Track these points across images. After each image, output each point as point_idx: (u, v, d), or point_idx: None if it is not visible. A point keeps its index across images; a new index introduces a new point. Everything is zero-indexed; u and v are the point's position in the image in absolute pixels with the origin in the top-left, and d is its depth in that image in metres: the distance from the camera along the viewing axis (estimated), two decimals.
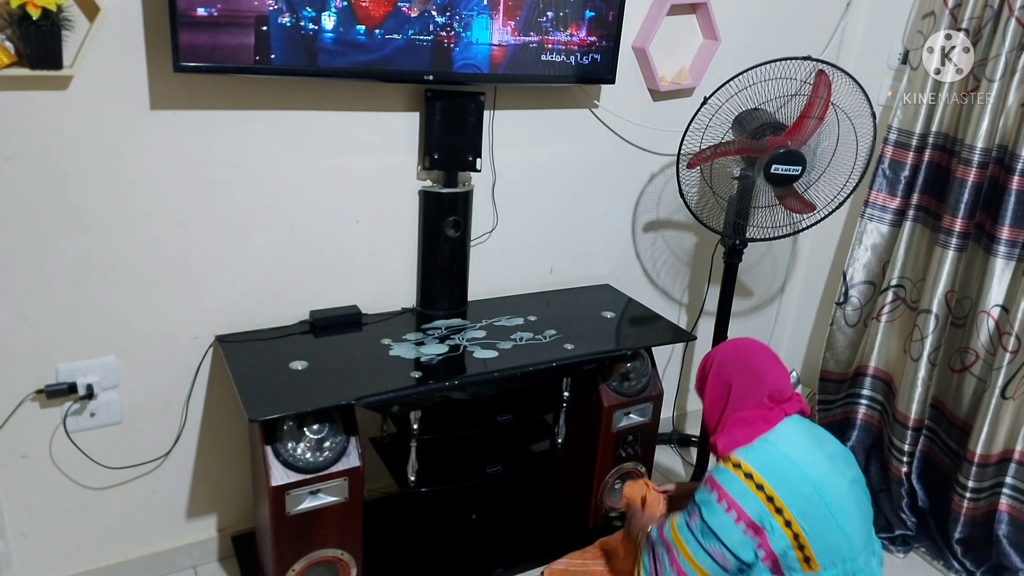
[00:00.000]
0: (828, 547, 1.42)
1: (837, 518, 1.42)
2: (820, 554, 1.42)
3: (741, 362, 1.57)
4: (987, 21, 2.15)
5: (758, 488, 1.42)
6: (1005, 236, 2.13)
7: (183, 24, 1.56)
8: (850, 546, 1.44)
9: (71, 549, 1.91)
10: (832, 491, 1.44)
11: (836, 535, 1.42)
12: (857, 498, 1.49)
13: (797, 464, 1.44)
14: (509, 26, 1.89)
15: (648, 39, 2.20)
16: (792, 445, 1.47)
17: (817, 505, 1.41)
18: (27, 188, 1.61)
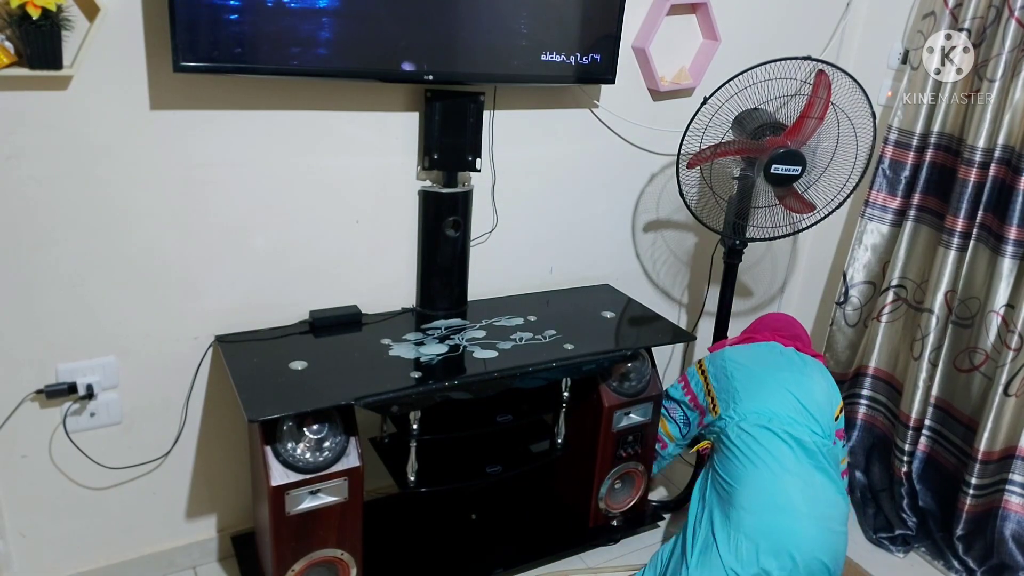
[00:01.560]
0: (727, 398, 2.03)
1: (738, 386, 2.02)
2: (720, 402, 2.05)
3: (769, 318, 2.27)
4: (988, 21, 2.15)
5: (700, 370, 2.17)
6: (1013, 236, 2.13)
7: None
8: (753, 408, 1.96)
9: (71, 549, 1.91)
10: (745, 375, 2.04)
11: (735, 394, 2.01)
12: (779, 390, 1.99)
13: (728, 358, 2.11)
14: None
15: (648, 39, 2.20)
16: (740, 347, 2.14)
17: (725, 378, 2.07)
18: (27, 188, 1.61)
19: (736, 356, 2.10)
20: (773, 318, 2.25)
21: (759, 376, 2.03)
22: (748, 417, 1.95)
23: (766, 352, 2.11)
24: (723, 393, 2.05)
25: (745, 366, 2.07)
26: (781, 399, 1.97)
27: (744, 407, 1.97)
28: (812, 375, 2.06)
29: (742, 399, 1.99)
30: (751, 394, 1.99)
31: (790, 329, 2.19)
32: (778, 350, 2.12)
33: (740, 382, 2.03)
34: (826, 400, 2.02)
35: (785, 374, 2.03)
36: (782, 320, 2.23)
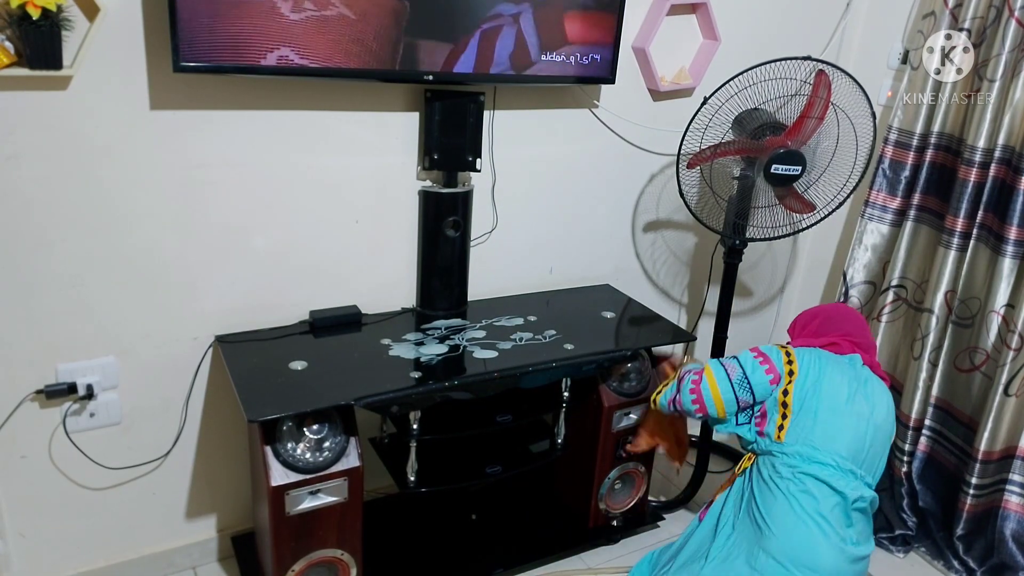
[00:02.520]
0: (799, 430, 1.69)
1: (819, 416, 1.68)
2: (791, 430, 1.69)
3: (833, 308, 1.96)
4: (988, 21, 2.15)
5: (787, 356, 1.76)
6: (1013, 236, 2.13)
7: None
8: (816, 445, 1.67)
9: (71, 549, 1.91)
10: (830, 403, 1.69)
11: (809, 426, 1.68)
12: (852, 427, 1.69)
13: (822, 366, 1.73)
14: None
15: (648, 39, 2.20)
16: (832, 362, 1.75)
17: (811, 397, 1.70)
18: (27, 188, 1.61)
19: (831, 369, 1.74)
20: (844, 315, 1.91)
21: (840, 407, 1.69)
22: (812, 460, 1.66)
23: (850, 371, 1.75)
24: (800, 412, 1.70)
25: (835, 387, 1.71)
26: (852, 441, 1.68)
27: (813, 444, 1.67)
28: (884, 405, 1.76)
29: (816, 434, 1.67)
30: (828, 431, 1.68)
31: (864, 335, 1.87)
32: (859, 371, 1.77)
33: (824, 410, 1.69)
34: (887, 437, 1.77)
35: (862, 407, 1.71)
36: (854, 321, 1.90)
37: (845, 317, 1.89)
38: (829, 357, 1.76)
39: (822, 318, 1.89)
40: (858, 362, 1.78)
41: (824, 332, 1.85)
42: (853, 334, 1.83)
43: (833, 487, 1.64)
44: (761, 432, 1.74)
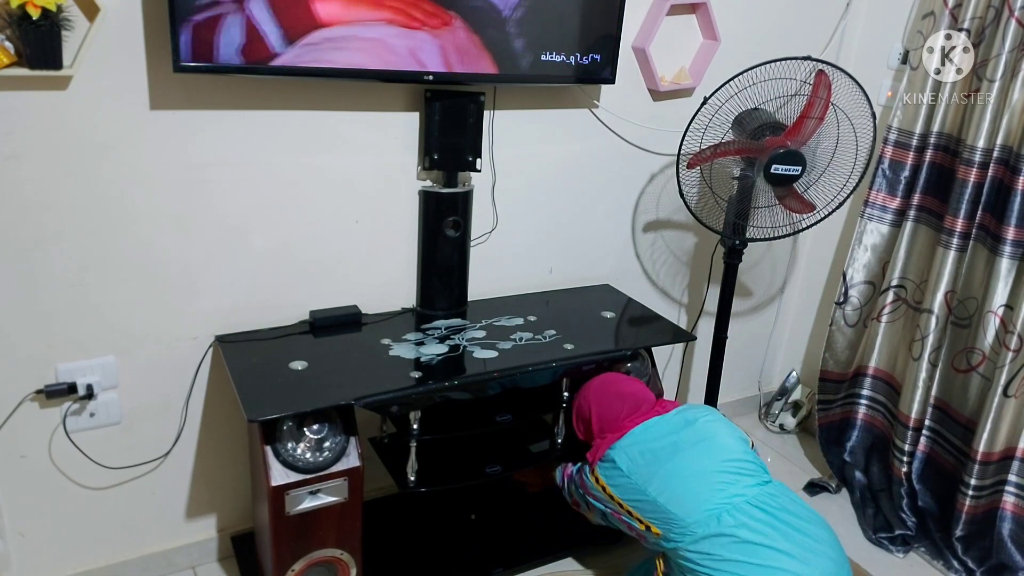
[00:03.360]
0: (654, 515, 1.70)
1: (647, 491, 1.71)
2: (657, 524, 1.70)
3: (595, 395, 1.91)
4: (988, 22, 2.15)
5: (599, 484, 1.81)
6: (1011, 236, 2.13)
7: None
8: (677, 518, 1.67)
9: (71, 549, 1.91)
10: (657, 477, 1.71)
11: (666, 514, 1.68)
12: (691, 466, 1.71)
13: (623, 462, 1.76)
14: None
15: (648, 39, 2.20)
16: (625, 448, 1.78)
17: (633, 491, 1.73)
18: (27, 188, 1.61)
19: (631, 461, 1.75)
20: (610, 390, 1.90)
21: (673, 474, 1.70)
22: (698, 531, 1.64)
23: (652, 437, 1.77)
24: (649, 512, 1.70)
25: (651, 471, 1.72)
26: (712, 483, 1.67)
27: (686, 522, 1.65)
28: (709, 427, 1.78)
29: (676, 514, 1.66)
30: (682, 502, 1.66)
31: (633, 388, 1.90)
32: (659, 425, 1.80)
33: (660, 494, 1.68)
34: (740, 441, 1.79)
35: (691, 451, 1.73)
36: (617, 384, 1.91)
37: (608, 399, 1.89)
38: (623, 448, 1.78)
39: (594, 416, 1.89)
40: (655, 422, 1.80)
41: (606, 430, 1.86)
42: (630, 414, 1.84)
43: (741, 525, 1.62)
44: (642, 536, 1.76)
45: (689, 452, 1.73)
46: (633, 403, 1.86)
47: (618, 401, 1.87)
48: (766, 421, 2.97)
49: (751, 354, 2.97)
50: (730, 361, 2.52)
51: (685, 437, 1.76)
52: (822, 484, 2.59)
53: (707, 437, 1.76)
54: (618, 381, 1.94)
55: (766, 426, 2.97)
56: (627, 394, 1.88)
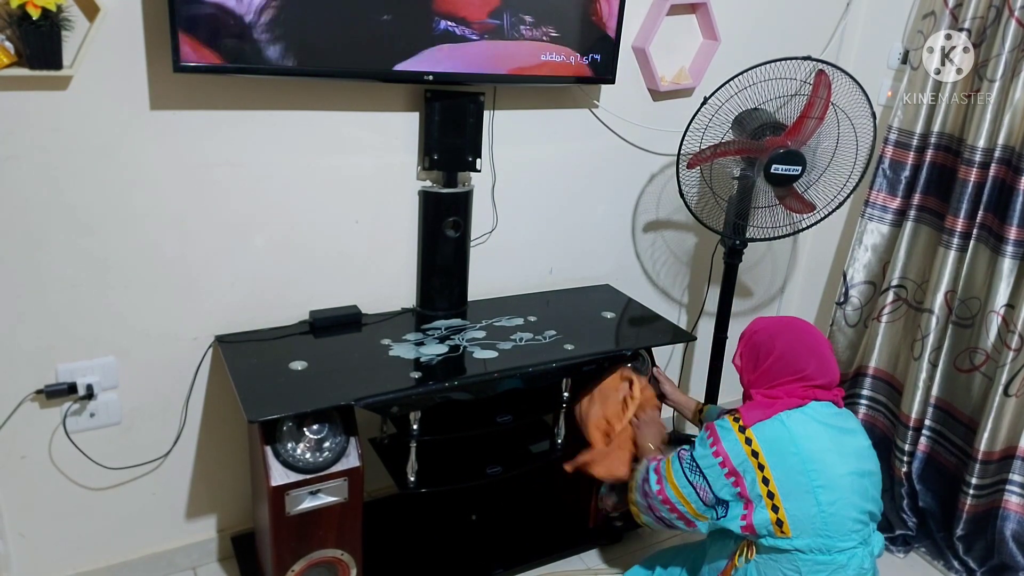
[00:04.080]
0: (801, 517, 1.51)
1: (817, 494, 1.51)
2: (793, 521, 1.52)
3: (789, 339, 1.63)
4: (988, 21, 2.15)
5: (747, 443, 1.55)
6: (1013, 236, 2.13)
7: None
8: (826, 523, 1.51)
9: (70, 549, 1.91)
10: (823, 470, 1.52)
11: (811, 508, 1.51)
12: (856, 487, 1.55)
13: (794, 438, 1.54)
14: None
15: (648, 39, 2.20)
16: (801, 424, 1.55)
17: (799, 475, 1.51)
18: (26, 188, 1.61)
19: (809, 444, 1.53)
20: (801, 348, 1.61)
21: (834, 470, 1.52)
22: (832, 551, 1.52)
23: (828, 428, 1.57)
24: (793, 497, 1.51)
25: (819, 451, 1.53)
26: (860, 498, 1.54)
27: (827, 533, 1.51)
28: (862, 436, 1.62)
29: (823, 521, 1.50)
30: (835, 504, 1.51)
31: (827, 369, 1.60)
32: (835, 418, 1.59)
33: (821, 484, 1.50)
34: (878, 476, 1.62)
35: (852, 461, 1.55)
36: (815, 353, 1.61)
37: (803, 350, 1.60)
38: (795, 419, 1.55)
39: (776, 355, 1.61)
40: (833, 411, 1.60)
41: (778, 376, 1.60)
42: (814, 376, 1.58)
43: (854, 558, 1.53)
44: (750, 527, 1.54)
45: (850, 460, 1.55)
46: (822, 367, 1.59)
47: (813, 359, 1.59)
48: None
49: None
50: (730, 361, 2.52)
51: (848, 440, 1.58)
52: None
53: (864, 453, 1.59)
54: (816, 336, 1.65)
55: None
56: (822, 355, 1.61)
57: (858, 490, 1.54)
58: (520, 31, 1.90)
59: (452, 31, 1.82)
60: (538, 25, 1.92)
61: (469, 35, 1.85)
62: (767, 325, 1.68)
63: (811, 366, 1.58)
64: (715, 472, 1.56)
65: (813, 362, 1.59)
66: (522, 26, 1.90)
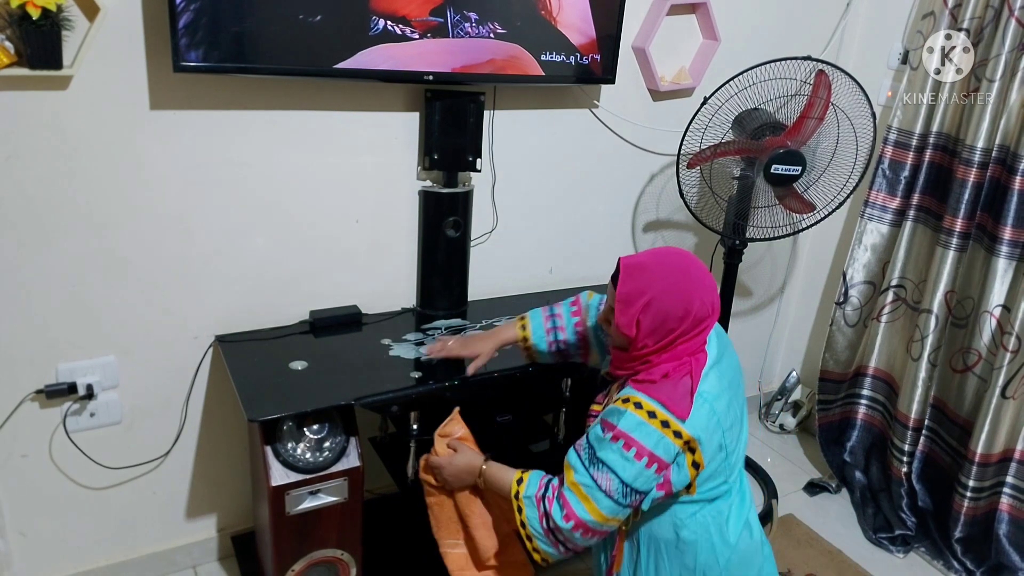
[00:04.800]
0: (712, 473, 1.38)
1: (728, 454, 1.38)
2: (699, 481, 1.37)
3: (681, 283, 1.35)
4: (987, 21, 2.15)
5: (676, 436, 1.30)
6: (1007, 236, 2.13)
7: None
8: (728, 478, 1.41)
9: (71, 549, 1.91)
10: (739, 436, 1.41)
11: (719, 464, 1.38)
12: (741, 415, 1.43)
13: (718, 415, 1.34)
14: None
15: (648, 39, 2.20)
16: (717, 392, 1.35)
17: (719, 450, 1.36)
18: (27, 188, 1.61)
19: (727, 414, 1.37)
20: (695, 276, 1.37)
21: (742, 438, 1.43)
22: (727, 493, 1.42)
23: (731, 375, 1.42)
24: (709, 467, 1.36)
25: (737, 428, 1.41)
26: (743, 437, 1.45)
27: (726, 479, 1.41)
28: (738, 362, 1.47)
29: (729, 464, 1.40)
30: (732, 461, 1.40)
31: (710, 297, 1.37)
32: (727, 354, 1.43)
33: (731, 453, 1.39)
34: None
35: (741, 393, 1.45)
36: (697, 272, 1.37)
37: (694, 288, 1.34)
38: (710, 387, 1.34)
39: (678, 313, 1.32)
40: (724, 338, 1.43)
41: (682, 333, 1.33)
42: (711, 314, 1.35)
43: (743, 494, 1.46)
44: (668, 493, 1.35)
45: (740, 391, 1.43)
46: (712, 298, 1.37)
47: (705, 293, 1.35)
48: (766, 421, 2.97)
49: (751, 354, 2.97)
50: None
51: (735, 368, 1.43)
52: (822, 484, 2.59)
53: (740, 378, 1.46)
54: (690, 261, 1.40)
55: (766, 426, 2.97)
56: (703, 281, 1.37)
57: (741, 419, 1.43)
58: (465, 29, 1.87)
59: (392, 30, 1.77)
60: (484, 22, 1.88)
61: (410, 34, 1.80)
62: (651, 279, 1.35)
63: (706, 305, 1.34)
64: (636, 470, 1.30)
65: (707, 296, 1.34)
66: (467, 24, 1.87)
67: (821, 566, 2.23)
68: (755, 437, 2.90)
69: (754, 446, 2.82)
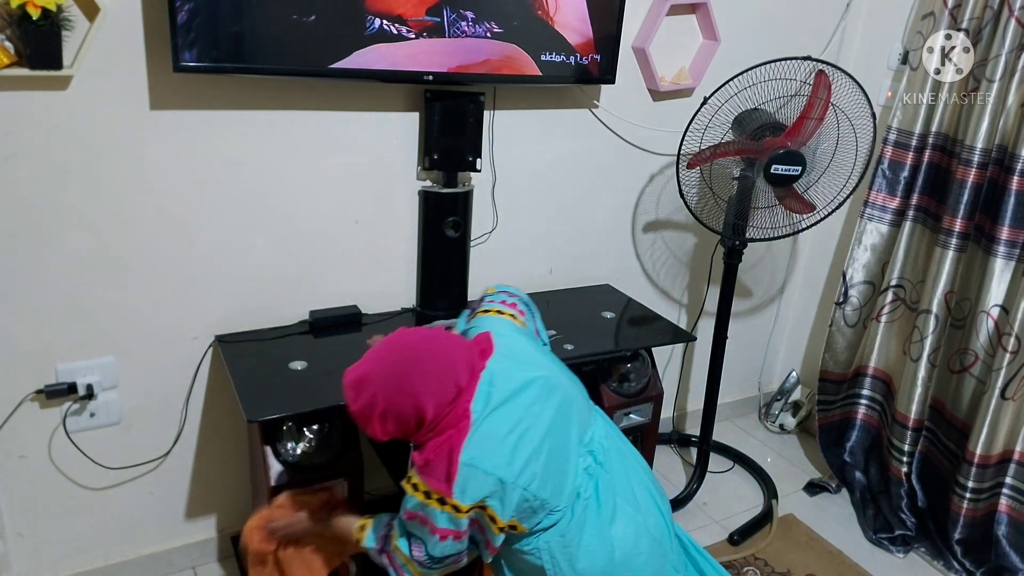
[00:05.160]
0: (534, 510, 1.35)
1: (545, 493, 1.34)
2: (525, 518, 1.36)
3: (409, 372, 1.30)
4: (987, 22, 2.15)
5: (456, 510, 1.30)
6: (1005, 236, 2.13)
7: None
8: (558, 495, 1.37)
9: (70, 549, 1.91)
10: (534, 463, 1.33)
11: (543, 503, 1.35)
12: (562, 419, 1.38)
13: (488, 470, 1.30)
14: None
15: (648, 39, 2.20)
16: (483, 448, 1.30)
17: (522, 501, 1.33)
18: (27, 188, 1.61)
19: (484, 448, 1.31)
20: (425, 354, 1.33)
21: (537, 447, 1.35)
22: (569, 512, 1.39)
23: (524, 390, 1.37)
24: (517, 506, 1.33)
25: (507, 450, 1.32)
26: (570, 455, 1.40)
27: (565, 496, 1.38)
28: (552, 360, 1.46)
29: (551, 494, 1.36)
30: (551, 480, 1.36)
31: (449, 359, 1.34)
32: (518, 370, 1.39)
33: (532, 472, 1.33)
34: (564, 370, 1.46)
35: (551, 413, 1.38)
36: (414, 359, 1.32)
37: (421, 382, 1.29)
38: (475, 446, 1.29)
39: (413, 414, 1.30)
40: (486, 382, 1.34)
41: (437, 417, 1.31)
42: (460, 380, 1.32)
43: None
44: (492, 546, 1.36)
45: (546, 419, 1.36)
46: (453, 369, 1.33)
47: (446, 369, 1.32)
48: (766, 421, 2.97)
49: (751, 354, 2.97)
50: (730, 361, 2.52)
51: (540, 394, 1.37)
52: (822, 484, 2.59)
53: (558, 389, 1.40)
54: (420, 341, 1.35)
55: (766, 426, 2.97)
56: (442, 354, 1.34)
57: (561, 425, 1.38)
58: (461, 28, 1.85)
59: (388, 30, 1.76)
60: (480, 22, 1.87)
61: (406, 33, 1.78)
62: (375, 389, 1.30)
63: (444, 389, 1.30)
64: (436, 543, 1.32)
65: (440, 380, 1.30)
66: (463, 23, 1.86)
67: (821, 567, 2.23)
68: (755, 437, 2.90)
69: (754, 446, 2.82)
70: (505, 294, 1.63)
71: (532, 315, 1.65)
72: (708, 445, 2.49)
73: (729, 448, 2.73)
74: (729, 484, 2.59)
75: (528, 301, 1.66)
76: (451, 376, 1.32)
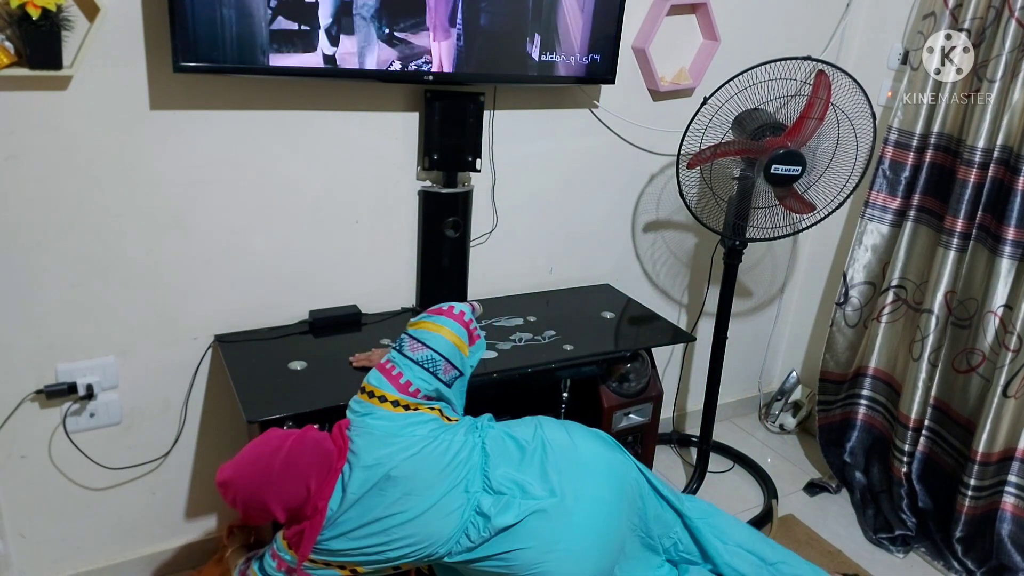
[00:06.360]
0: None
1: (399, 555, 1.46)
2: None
3: (250, 495, 1.43)
4: (988, 22, 2.15)
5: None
6: (1011, 237, 2.13)
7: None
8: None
9: (70, 549, 1.91)
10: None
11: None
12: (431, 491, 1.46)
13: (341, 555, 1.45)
14: None
15: (648, 39, 2.20)
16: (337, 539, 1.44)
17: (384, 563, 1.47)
18: (27, 188, 1.61)
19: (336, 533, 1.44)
20: (259, 470, 1.43)
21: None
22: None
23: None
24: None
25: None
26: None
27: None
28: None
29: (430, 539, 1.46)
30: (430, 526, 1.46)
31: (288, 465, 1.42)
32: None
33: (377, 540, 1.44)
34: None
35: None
36: (267, 470, 1.42)
37: (267, 490, 1.41)
38: (337, 530, 1.43)
39: (263, 512, 1.44)
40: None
41: (294, 516, 1.45)
42: (309, 495, 1.42)
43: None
44: None
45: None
46: (315, 468, 1.44)
47: (300, 476, 1.42)
48: (766, 421, 2.97)
49: (751, 354, 2.97)
50: (730, 361, 2.52)
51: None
52: (822, 484, 2.59)
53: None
54: (269, 465, 1.43)
55: (766, 426, 2.97)
56: (294, 473, 1.43)
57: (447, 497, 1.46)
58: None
59: None
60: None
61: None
62: (236, 491, 1.44)
63: (292, 491, 1.41)
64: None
65: (290, 485, 1.41)
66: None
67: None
68: (755, 437, 2.90)
69: (754, 446, 2.82)
70: (408, 338, 1.55)
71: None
72: (708, 445, 2.49)
73: (729, 448, 2.73)
74: (729, 484, 2.59)
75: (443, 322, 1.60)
76: (302, 481, 1.42)
